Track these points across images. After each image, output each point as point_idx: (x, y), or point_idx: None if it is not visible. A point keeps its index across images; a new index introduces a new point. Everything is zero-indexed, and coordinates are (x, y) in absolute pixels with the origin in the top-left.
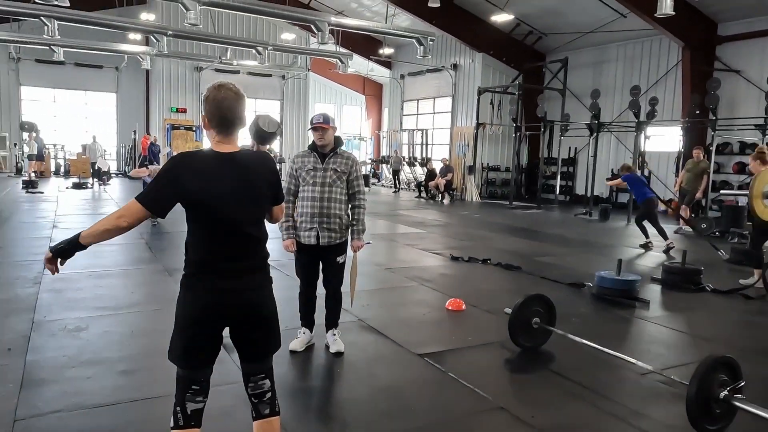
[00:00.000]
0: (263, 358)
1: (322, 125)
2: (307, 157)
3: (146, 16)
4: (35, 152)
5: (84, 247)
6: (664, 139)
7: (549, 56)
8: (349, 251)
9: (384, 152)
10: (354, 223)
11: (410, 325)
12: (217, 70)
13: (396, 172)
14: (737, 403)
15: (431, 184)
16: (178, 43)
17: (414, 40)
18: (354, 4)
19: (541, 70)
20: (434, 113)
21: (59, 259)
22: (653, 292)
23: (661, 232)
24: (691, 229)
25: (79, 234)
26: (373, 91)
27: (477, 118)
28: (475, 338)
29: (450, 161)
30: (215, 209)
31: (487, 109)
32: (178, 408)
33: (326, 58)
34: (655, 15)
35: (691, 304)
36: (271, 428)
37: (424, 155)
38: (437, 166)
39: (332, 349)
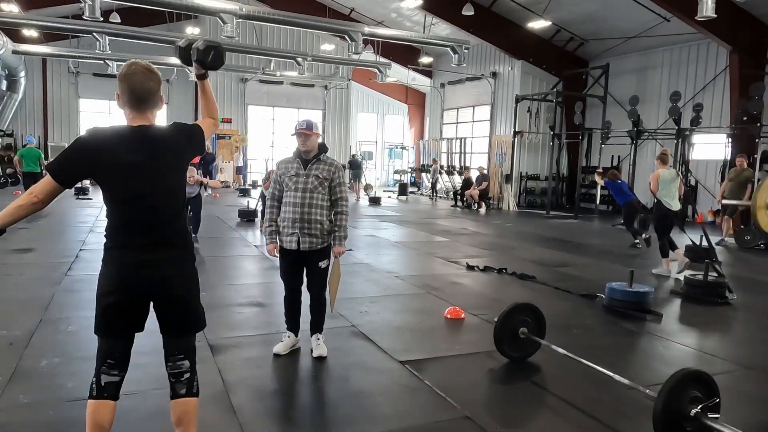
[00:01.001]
0: (179, 336)
1: (305, 131)
2: (290, 163)
3: (191, 30)
4: None
5: (2, 231)
6: (712, 147)
7: (592, 62)
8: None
9: (424, 161)
10: (336, 229)
11: (401, 333)
12: (261, 81)
13: (435, 182)
14: (710, 422)
15: (467, 193)
16: (225, 55)
17: (449, 49)
18: (394, 14)
19: (582, 77)
20: (473, 122)
21: None
22: (672, 305)
23: (634, 234)
24: (734, 241)
25: None
26: (415, 100)
27: (514, 126)
28: (464, 347)
29: (488, 170)
30: (120, 182)
31: (525, 116)
32: (94, 379)
33: (365, 68)
34: (696, 18)
35: (708, 319)
36: (186, 409)
37: (462, 164)
38: (474, 175)
39: (314, 354)
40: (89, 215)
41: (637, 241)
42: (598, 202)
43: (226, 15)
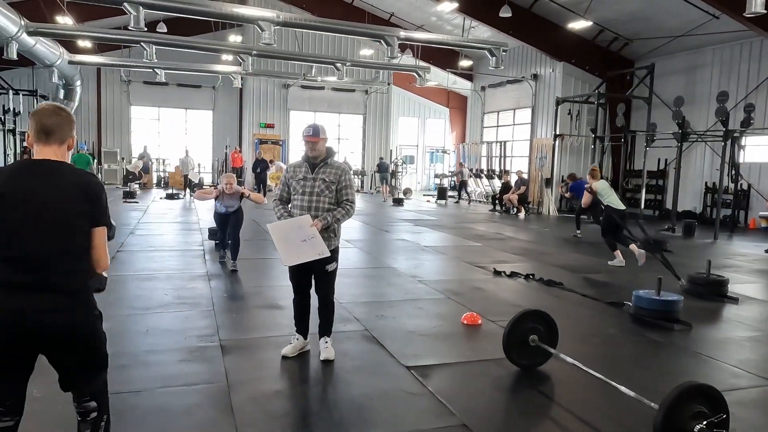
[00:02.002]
0: (81, 384)
1: (312, 139)
2: (299, 167)
3: (234, 38)
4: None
5: None
6: (766, 150)
7: (637, 63)
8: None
9: (465, 164)
10: (334, 212)
11: (413, 338)
12: (303, 87)
13: (463, 184)
14: None
15: (505, 197)
16: (268, 62)
17: (487, 52)
18: (434, 18)
19: (626, 78)
20: (514, 125)
21: None
22: (703, 314)
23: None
24: None
25: None
26: (457, 103)
27: (555, 129)
28: (474, 354)
29: (528, 174)
30: (3, 219)
31: (566, 119)
32: None
33: (404, 72)
34: (745, 14)
35: (741, 330)
36: None
37: (502, 168)
38: (513, 179)
39: (321, 357)
40: (133, 218)
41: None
42: (642, 206)
43: (263, 22)
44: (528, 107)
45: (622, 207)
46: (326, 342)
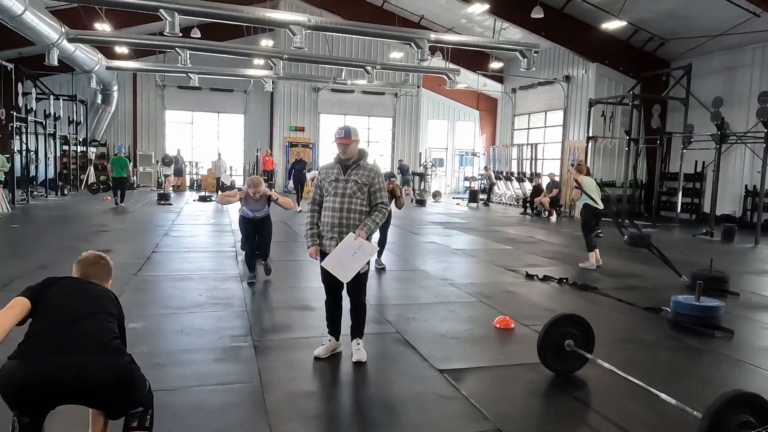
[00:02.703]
0: (121, 412)
1: (344, 141)
2: (331, 169)
3: (266, 43)
4: (174, 169)
5: None
6: None
7: (673, 63)
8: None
9: (494, 167)
10: (372, 217)
11: (445, 341)
12: (333, 90)
13: (491, 187)
14: None
15: (536, 200)
16: (298, 66)
17: (518, 53)
18: (464, 20)
19: (662, 78)
20: (545, 127)
21: None
22: (745, 321)
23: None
24: None
25: None
26: (487, 106)
27: (588, 131)
28: (508, 358)
29: (560, 176)
30: (52, 304)
31: (599, 121)
32: (11, 424)
33: (434, 75)
34: None
35: None
36: None
37: (533, 170)
38: (545, 182)
39: (354, 358)
40: (167, 219)
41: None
42: (679, 210)
43: (295, 27)
44: (560, 109)
45: (601, 206)
46: (358, 344)
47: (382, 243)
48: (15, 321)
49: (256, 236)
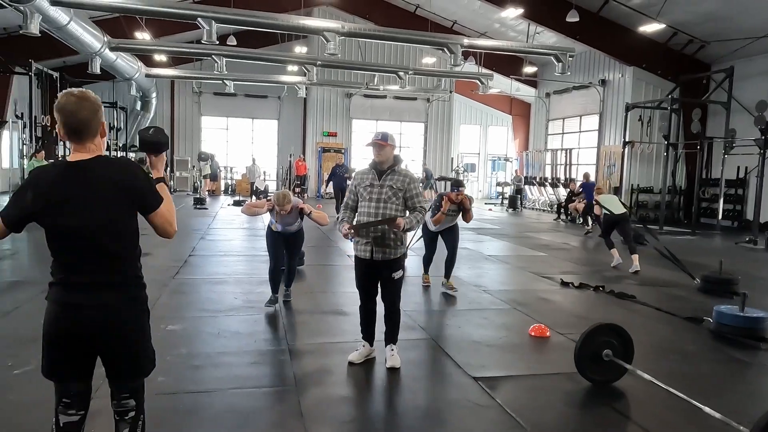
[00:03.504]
0: (124, 380)
1: (380, 142)
2: (366, 174)
3: (300, 49)
4: (210, 173)
5: None
6: None
7: (714, 66)
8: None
9: (527, 173)
10: (410, 216)
11: (479, 348)
12: (366, 96)
13: (518, 192)
14: None
15: (571, 206)
16: (331, 72)
17: (552, 58)
18: (497, 25)
19: (702, 82)
20: (580, 132)
21: None
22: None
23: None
24: None
25: None
26: (520, 110)
27: (625, 136)
28: (544, 367)
29: (595, 182)
30: (51, 221)
31: (636, 126)
32: (54, 419)
33: (467, 80)
34: None
35: None
36: None
37: (567, 176)
38: (579, 184)
39: (387, 364)
40: (203, 223)
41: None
42: (720, 217)
43: (329, 33)
44: (595, 114)
45: (618, 211)
46: (392, 349)
47: (450, 262)
48: None
49: (284, 252)
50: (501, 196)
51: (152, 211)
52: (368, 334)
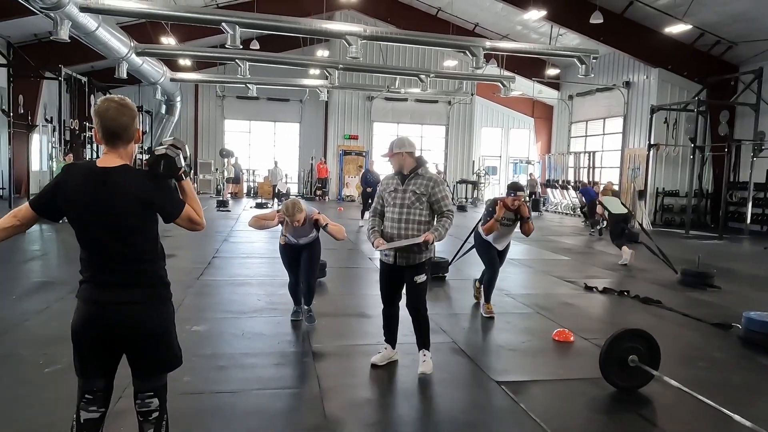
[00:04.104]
0: (149, 376)
1: (388, 155)
2: (391, 179)
3: (322, 53)
4: (232, 176)
5: None
6: None
7: (742, 67)
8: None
9: (549, 176)
10: (437, 226)
11: (502, 352)
12: (387, 99)
13: (531, 194)
14: None
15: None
16: (353, 75)
17: (575, 59)
18: (519, 27)
19: (730, 83)
20: (604, 134)
21: None
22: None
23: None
24: None
25: None
26: (542, 113)
27: (650, 139)
28: (568, 372)
29: (619, 185)
30: (77, 222)
31: (661, 128)
32: (74, 415)
33: (489, 82)
34: None
35: None
36: None
37: (590, 179)
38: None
39: (419, 370)
40: (226, 225)
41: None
42: (748, 221)
43: (351, 37)
44: (619, 116)
45: (618, 211)
46: (424, 355)
47: (489, 283)
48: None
49: (299, 266)
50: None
51: (174, 219)
52: (390, 337)
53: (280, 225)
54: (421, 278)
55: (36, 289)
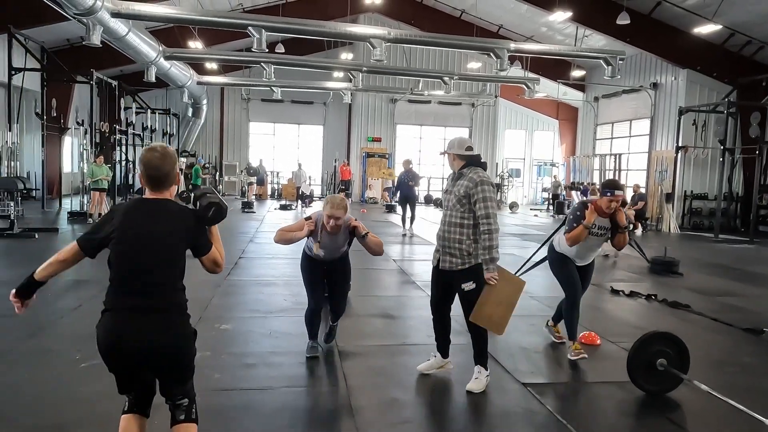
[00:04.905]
0: (175, 388)
1: (444, 154)
2: (449, 180)
3: (346, 56)
4: (256, 178)
5: (40, 283)
6: None
7: None
8: None
9: (574, 178)
10: (481, 252)
11: (528, 354)
12: (410, 101)
13: (555, 197)
14: None
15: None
16: (376, 78)
17: (602, 61)
18: (544, 29)
19: (761, 84)
20: (630, 136)
21: (23, 298)
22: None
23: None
24: None
25: (33, 272)
26: (567, 115)
27: (677, 141)
28: (594, 375)
29: (646, 188)
30: (124, 253)
31: (690, 130)
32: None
33: (512, 84)
34: None
35: None
36: None
37: (591, 181)
38: (629, 194)
39: (467, 387)
40: (251, 227)
41: None
42: None
43: (375, 40)
44: (646, 118)
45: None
46: (479, 372)
47: (570, 313)
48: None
49: (326, 286)
50: (548, 202)
51: (202, 256)
52: (439, 344)
53: (307, 238)
54: (469, 286)
55: (69, 287)
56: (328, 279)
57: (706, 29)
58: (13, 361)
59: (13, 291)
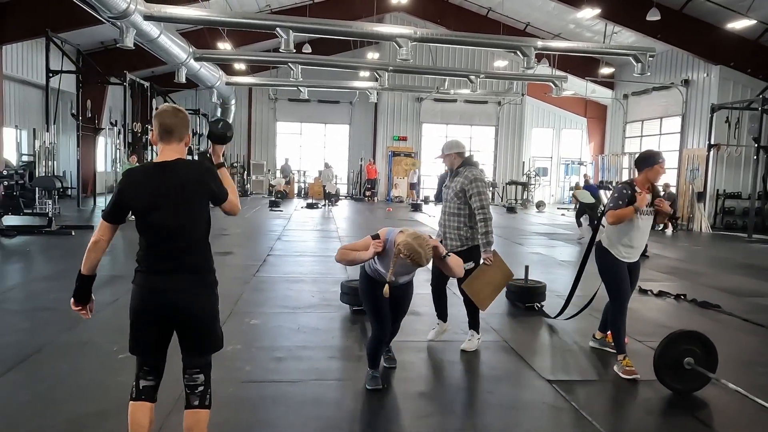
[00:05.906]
0: (197, 355)
1: (439, 158)
2: (447, 177)
3: (372, 55)
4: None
5: (89, 277)
6: None
7: None
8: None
9: (603, 177)
10: (480, 237)
11: (553, 352)
12: (436, 100)
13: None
14: None
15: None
16: (402, 77)
17: (631, 58)
18: (572, 26)
19: None
20: (660, 134)
21: (85, 302)
22: None
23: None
24: None
25: (79, 270)
26: (595, 113)
27: (710, 139)
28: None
29: (677, 187)
30: (145, 214)
31: (722, 128)
32: (134, 383)
33: (540, 82)
34: None
35: None
36: (197, 418)
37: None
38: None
39: (461, 346)
40: (278, 225)
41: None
42: None
43: (401, 39)
44: (677, 115)
45: (589, 201)
46: (471, 335)
47: (617, 320)
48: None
49: (388, 312)
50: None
51: (222, 202)
52: (440, 312)
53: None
54: (469, 265)
55: (106, 282)
56: (392, 303)
57: (739, 24)
58: (55, 352)
59: (72, 300)
